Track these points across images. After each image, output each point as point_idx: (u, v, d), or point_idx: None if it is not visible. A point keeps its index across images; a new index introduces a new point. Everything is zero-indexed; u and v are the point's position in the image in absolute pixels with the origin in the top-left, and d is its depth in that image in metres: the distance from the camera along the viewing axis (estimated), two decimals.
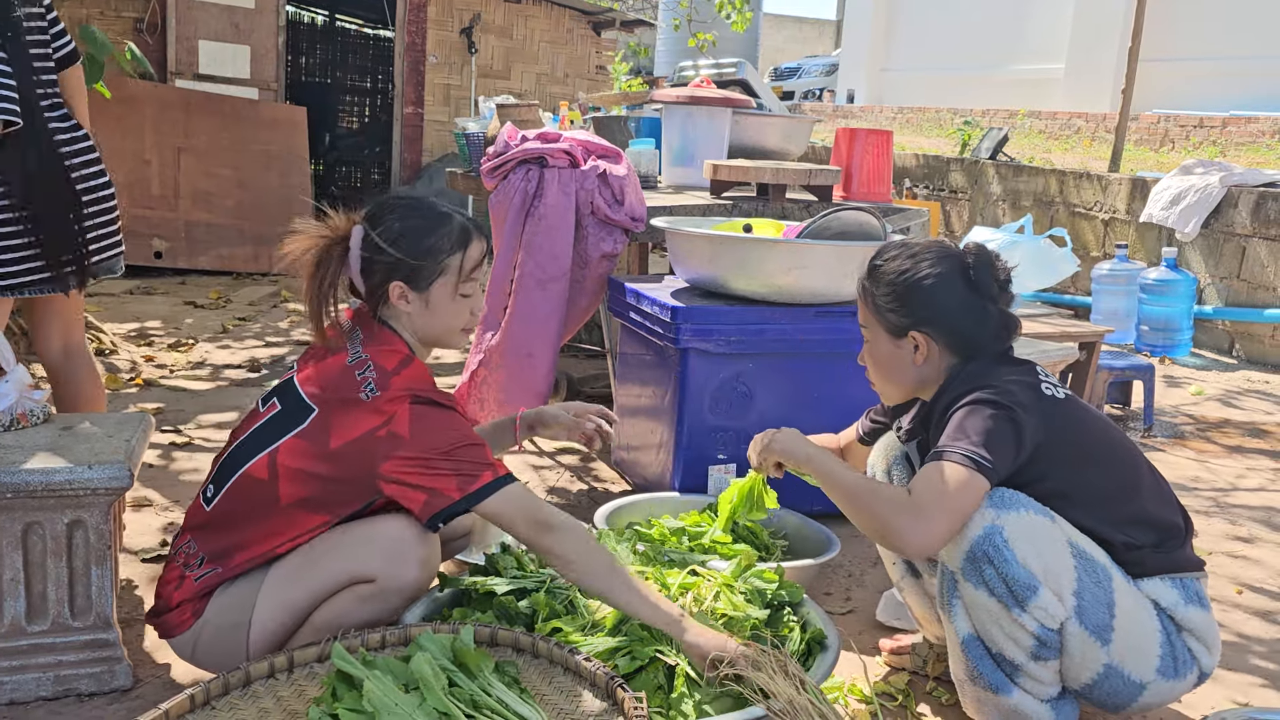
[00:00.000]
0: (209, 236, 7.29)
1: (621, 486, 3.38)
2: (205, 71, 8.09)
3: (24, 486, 1.93)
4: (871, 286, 1.99)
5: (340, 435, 1.87)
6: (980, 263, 1.95)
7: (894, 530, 1.76)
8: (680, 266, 3.14)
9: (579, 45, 10.07)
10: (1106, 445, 1.90)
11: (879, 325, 1.99)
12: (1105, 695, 1.84)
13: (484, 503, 1.83)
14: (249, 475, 1.91)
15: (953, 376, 1.93)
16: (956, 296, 1.93)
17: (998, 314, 1.95)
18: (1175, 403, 5.07)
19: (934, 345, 1.94)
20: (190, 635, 1.93)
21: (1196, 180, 6.48)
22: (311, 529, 1.90)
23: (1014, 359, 1.97)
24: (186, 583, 1.93)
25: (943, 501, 1.74)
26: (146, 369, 4.64)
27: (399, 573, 1.87)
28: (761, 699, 1.61)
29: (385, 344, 1.96)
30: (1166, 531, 1.88)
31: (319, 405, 1.90)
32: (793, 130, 4.89)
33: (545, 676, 1.75)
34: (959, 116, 11.44)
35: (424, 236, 1.99)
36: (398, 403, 1.85)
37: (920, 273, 1.94)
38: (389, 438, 1.83)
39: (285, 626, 1.91)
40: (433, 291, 1.99)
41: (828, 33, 26.04)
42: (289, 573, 1.90)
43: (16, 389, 2.16)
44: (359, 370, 1.90)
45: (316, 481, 1.89)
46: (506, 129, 3.57)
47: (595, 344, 4.93)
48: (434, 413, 1.87)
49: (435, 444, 1.83)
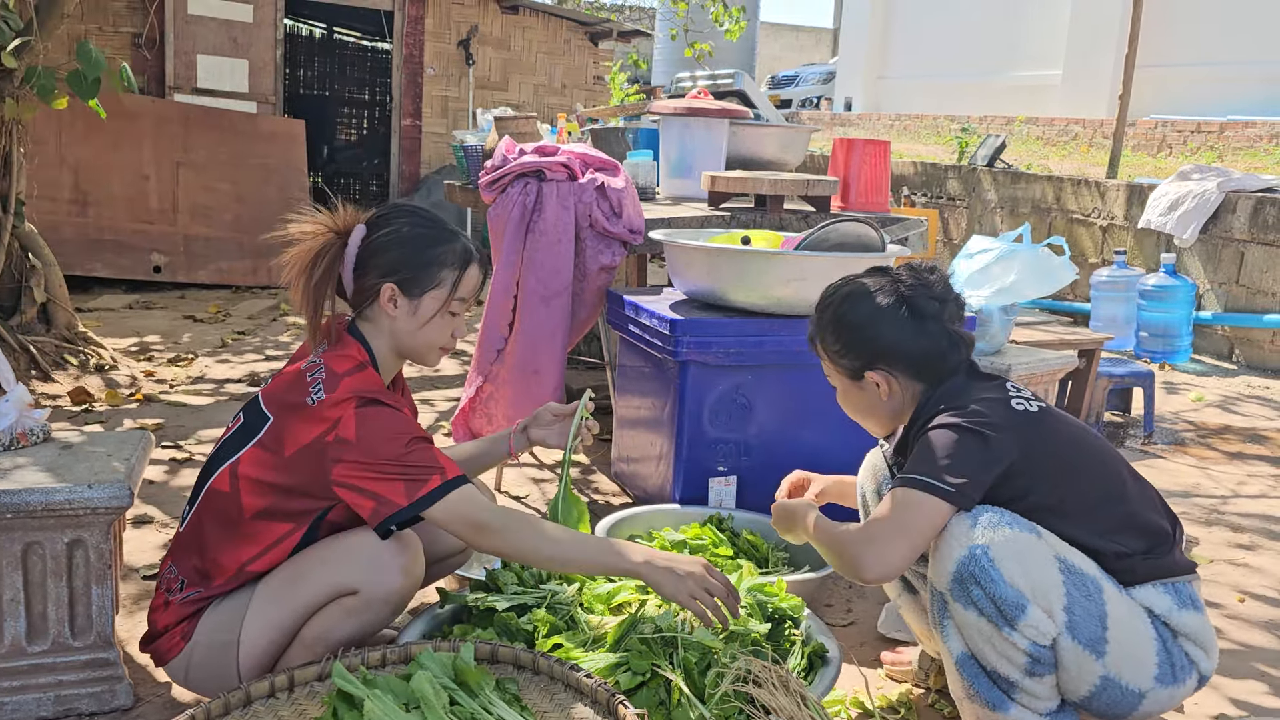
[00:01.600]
0: (208, 250, 7.30)
1: (622, 499, 3.37)
2: (204, 85, 8.12)
3: (24, 506, 1.93)
4: (819, 336, 2.03)
5: (292, 442, 1.87)
6: (912, 285, 1.96)
7: (851, 561, 1.81)
8: (679, 279, 3.14)
9: (576, 56, 10.10)
10: (1087, 454, 1.90)
11: (837, 373, 2.03)
12: (1105, 706, 1.83)
13: (432, 509, 1.83)
14: (213, 489, 1.93)
15: (924, 401, 1.95)
16: (895, 326, 1.94)
17: (941, 332, 1.95)
18: (1175, 409, 5.07)
19: (893, 379, 1.96)
20: (182, 659, 1.93)
21: (1194, 186, 6.49)
22: (278, 539, 1.90)
23: (984, 375, 1.97)
24: (172, 607, 1.93)
25: (896, 527, 1.77)
26: (146, 384, 4.64)
27: (381, 581, 1.87)
28: (763, 714, 1.61)
29: (342, 349, 1.95)
30: (1155, 536, 1.88)
31: (273, 414, 1.91)
32: (790, 140, 4.89)
33: (546, 693, 1.75)
34: (956, 124, 11.46)
35: (428, 245, 2.00)
36: (343, 406, 1.84)
37: (857, 313, 1.96)
38: (336, 442, 1.83)
39: (275, 644, 1.91)
40: (424, 301, 1.99)
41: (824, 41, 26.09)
42: (274, 590, 1.90)
43: (16, 408, 2.16)
44: (310, 373, 1.90)
45: (274, 491, 1.89)
46: (504, 142, 3.57)
47: (594, 356, 4.93)
48: (381, 413, 1.85)
49: (382, 446, 1.82)
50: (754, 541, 2.63)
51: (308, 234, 1.99)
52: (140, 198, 7.12)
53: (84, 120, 6.71)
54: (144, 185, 7.15)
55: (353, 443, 1.82)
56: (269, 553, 1.91)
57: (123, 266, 6.99)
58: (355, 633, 1.89)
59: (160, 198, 7.20)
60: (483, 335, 3.39)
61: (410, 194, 9.33)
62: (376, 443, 1.82)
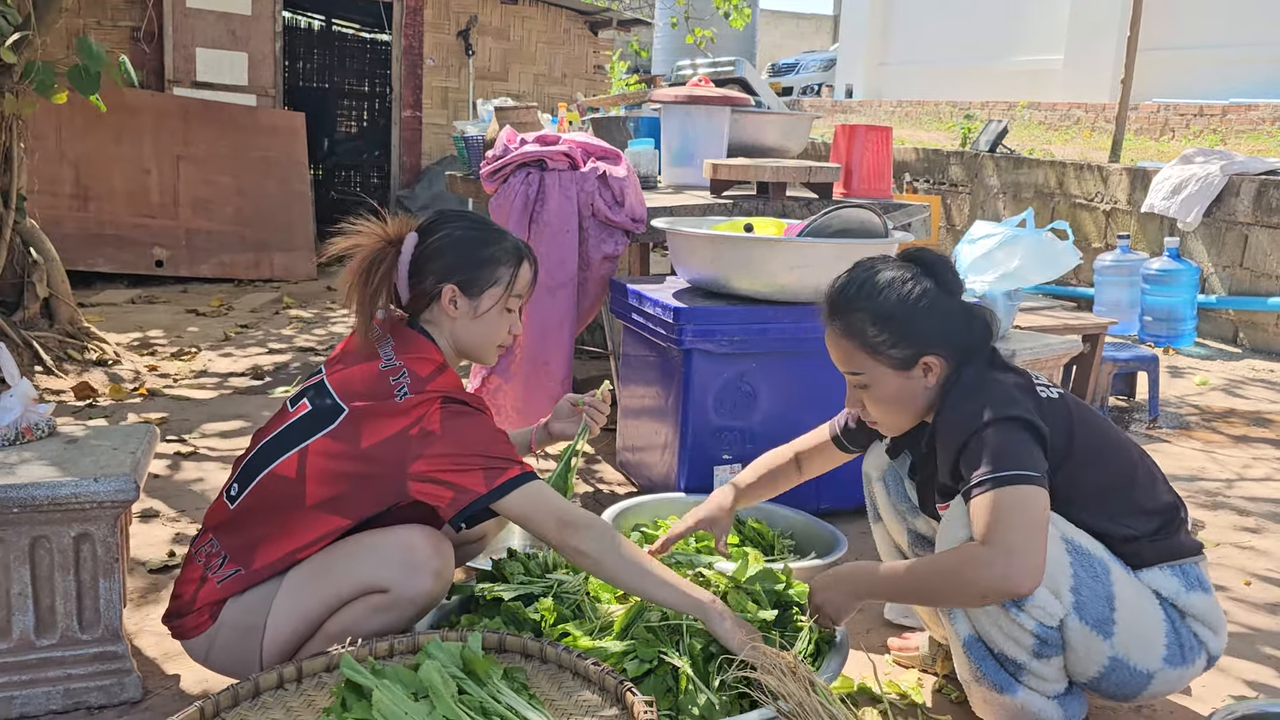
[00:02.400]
0: (209, 244, 7.30)
1: (627, 488, 3.38)
2: (203, 79, 8.11)
3: (30, 501, 1.93)
4: (858, 331, 1.89)
5: (371, 435, 1.87)
6: (942, 264, 1.93)
7: (997, 585, 1.70)
8: (682, 267, 3.13)
9: (576, 45, 10.07)
10: (1102, 440, 1.89)
11: (880, 365, 1.90)
12: (1113, 687, 1.84)
13: (509, 497, 1.83)
14: (276, 474, 1.92)
15: (948, 388, 1.89)
16: (943, 305, 1.90)
17: (976, 309, 1.94)
18: (1180, 393, 5.06)
19: (942, 362, 1.89)
20: (206, 638, 1.93)
21: (1197, 169, 6.47)
22: (328, 533, 1.90)
23: (1004, 364, 1.93)
24: (208, 584, 1.92)
25: (1026, 530, 1.70)
26: (150, 379, 4.64)
27: (413, 583, 1.87)
28: (771, 700, 1.61)
29: (420, 351, 1.98)
30: (1163, 518, 1.88)
31: (350, 406, 1.91)
32: (792, 127, 4.88)
33: (554, 682, 1.75)
34: (958, 109, 11.43)
35: (483, 246, 2.05)
36: (429, 403, 1.87)
37: (903, 300, 1.88)
38: (421, 436, 1.85)
39: (298, 633, 1.91)
40: (483, 300, 2.04)
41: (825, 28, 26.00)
42: (304, 580, 1.90)
43: (21, 403, 2.16)
44: (393, 376, 1.92)
45: (345, 481, 1.89)
46: (505, 132, 3.57)
47: (597, 345, 4.93)
48: (465, 412, 1.90)
49: (466, 440, 1.86)
50: (759, 529, 2.63)
51: (362, 245, 2.02)
52: (141, 192, 7.12)
53: (84, 115, 6.70)
54: (145, 179, 7.14)
55: (438, 435, 1.84)
56: (318, 543, 1.91)
57: (124, 261, 6.99)
58: (379, 630, 1.89)
59: (161, 192, 7.20)
60: None
61: (411, 186, 9.32)
62: (461, 436, 1.85)
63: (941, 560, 1.81)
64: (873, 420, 1.99)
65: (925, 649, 2.27)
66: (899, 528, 2.14)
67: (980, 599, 1.75)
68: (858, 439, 2.22)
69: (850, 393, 1.97)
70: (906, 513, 2.11)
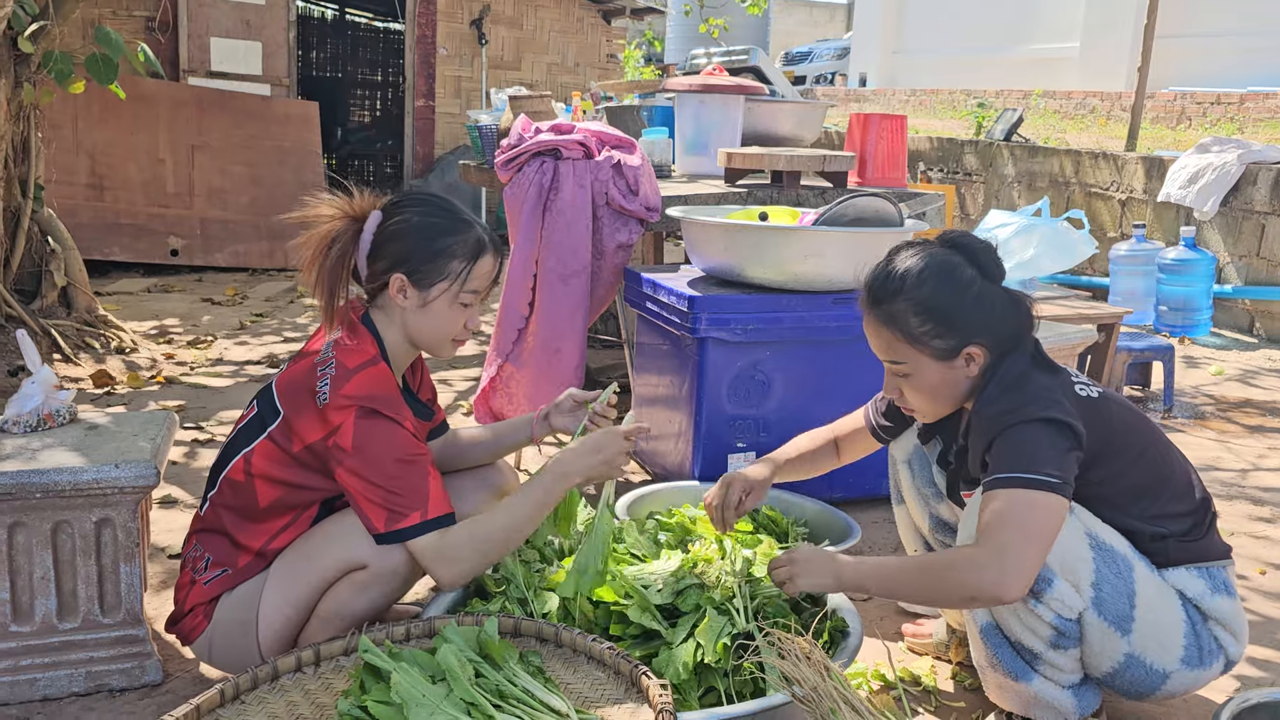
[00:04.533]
0: (224, 233, 7.32)
1: (641, 476, 3.39)
2: (217, 69, 8.12)
3: (53, 486, 1.95)
4: (900, 320, 1.85)
5: (299, 440, 1.92)
6: (984, 250, 1.88)
7: (984, 588, 1.67)
8: (696, 256, 3.14)
9: (589, 34, 10.05)
10: (1139, 440, 1.86)
11: (922, 355, 1.85)
12: (1127, 684, 1.83)
13: (408, 544, 1.88)
14: (229, 479, 1.97)
15: (989, 377, 1.85)
16: (987, 294, 1.85)
17: (1018, 296, 1.90)
18: (1195, 383, 5.04)
19: (984, 351, 1.85)
20: (205, 638, 1.97)
21: (1214, 158, 6.42)
22: (294, 519, 1.96)
23: (1046, 361, 1.88)
24: (197, 587, 1.97)
25: (1026, 534, 1.66)
26: (167, 367, 4.67)
27: (388, 555, 1.90)
28: (785, 685, 1.62)
29: (354, 342, 1.96)
30: (1194, 520, 1.86)
31: (285, 408, 1.94)
32: (806, 116, 4.87)
33: (569, 665, 1.76)
34: (972, 98, 11.36)
35: (440, 236, 1.98)
36: (344, 412, 1.86)
37: (948, 288, 1.83)
38: (335, 449, 1.88)
39: (291, 621, 1.94)
40: (432, 293, 1.98)
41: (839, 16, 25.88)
42: (287, 569, 1.94)
43: (43, 389, 2.18)
44: (321, 366, 1.92)
45: (284, 486, 1.95)
46: (520, 121, 3.57)
47: (611, 334, 4.93)
48: (377, 427, 1.87)
49: (374, 463, 1.86)
50: (773, 516, 2.63)
51: (324, 217, 1.99)
52: (156, 181, 7.15)
53: (100, 104, 6.73)
54: (160, 169, 7.17)
55: (349, 453, 1.86)
56: (286, 531, 1.96)
57: (140, 250, 7.03)
58: (369, 606, 1.93)
59: (176, 181, 7.23)
60: (501, 315, 3.40)
61: (424, 175, 9.33)
62: (369, 459, 1.86)
63: (934, 559, 1.81)
64: (910, 408, 1.96)
65: (939, 635, 2.28)
66: (921, 511, 2.14)
67: (967, 601, 1.73)
68: (895, 426, 2.19)
69: (889, 380, 1.94)
70: (931, 497, 2.11)
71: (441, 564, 1.88)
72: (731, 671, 1.81)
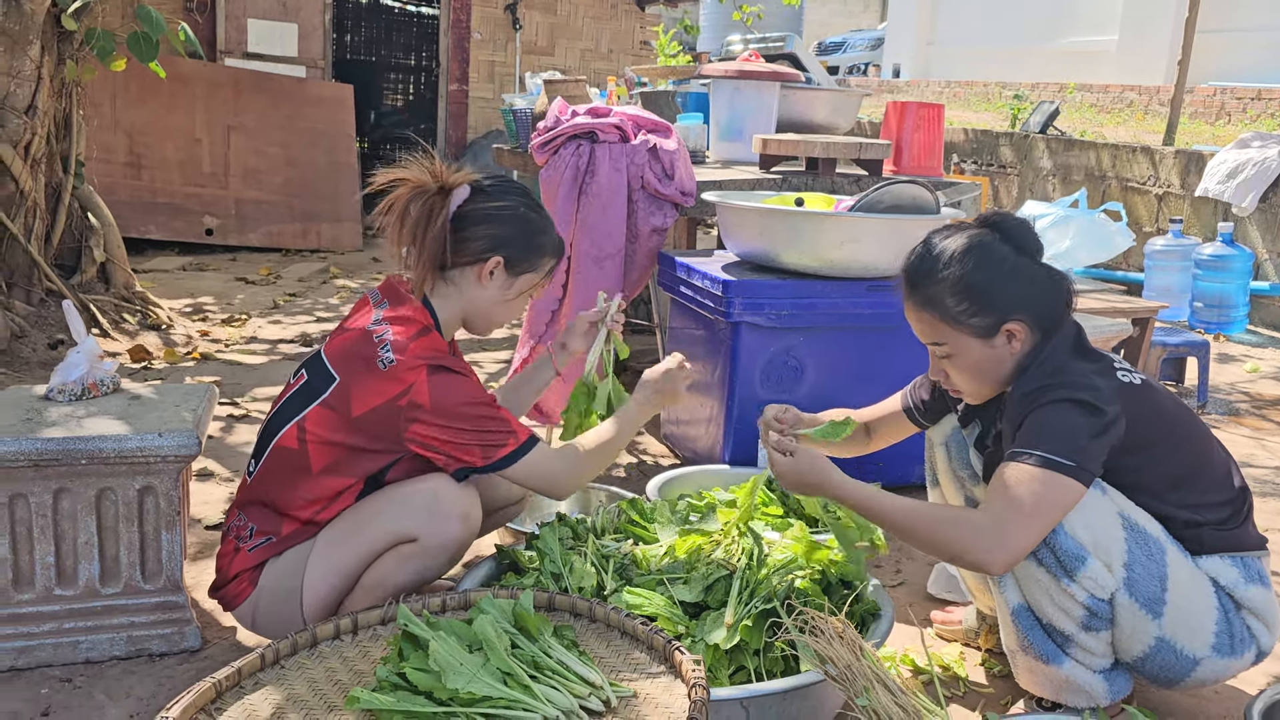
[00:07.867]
0: (258, 214, 7.39)
1: (671, 461, 3.40)
2: (254, 50, 8.18)
3: (97, 453, 1.99)
4: (938, 302, 1.86)
5: (361, 403, 1.93)
6: (1020, 226, 1.89)
7: (974, 554, 1.71)
8: (731, 240, 3.14)
9: (623, 20, 10.04)
10: (1181, 429, 1.86)
11: (963, 334, 1.86)
12: (1157, 669, 1.83)
13: (506, 470, 1.95)
14: (280, 446, 1.99)
15: (1032, 359, 1.85)
16: (1023, 270, 1.86)
17: (1055, 272, 1.90)
18: (1230, 380, 4.99)
19: (1026, 328, 1.85)
20: (249, 604, 2.00)
21: (1254, 153, 6.34)
22: (340, 491, 1.97)
23: (1088, 348, 1.88)
24: (241, 554, 2.00)
25: (1028, 510, 1.68)
26: (202, 343, 4.73)
27: (440, 529, 1.93)
28: (819, 663, 1.63)
29: (406, 313, 1.99)
30: (1230, 509, 1.86)
31: (340, 374, 1.96)
32: (841, 104, 4.85)
33: (603, 640, 1.78)
34: (1007, 90, 11.26)
35: (541, 230, 2.10)
36: (415, 371, 1.90)
37: (985, 266, 1.83)
38: (410, 406, 1.90)
39: (336, 589, 1.97)
40: (519, 282, 2.09)
41: (873, 6, 25.67)
42: (335, 537, 1.97)
43: (88, 359, 2.22)
44: (377, 335, 1.95)
45: (341, 449, 1.95)
46: (557, 104, 3.58)
47: (643, 319, 4.94)
48: (451, 379, 1.93)
49: (456, 412, 1.90)
50: (804, 501, 2.64)
51: (409, 178, 2.01)
52: (192, 161, 7.22)
53: (138, 83, 6.80)
54: (196, 149, 7.24)
55: (426, 408, 1.89)
56: (335, 502, 1.97)
57: (176, 229, 7.11)
58: (413, 578, 1.95)
59: (212, 161, 7.30)
60: (534, 299, 3.41)
61: (458, 159, 9.35)
62: (450, 409, 1.90)
63: (936, 510, 1.86)
64: (956, 390, 1.97)
65: (969, 623, 2.28)
66: (956, 494, 2.14)
67: (951, 558, 1.80)
68: (932, 411, 2.18)
69: (933, 362, 1.95)
70: (966, 479, 2.11)
71: (547, 478, 2.00)
72: (763, 650, 1.83)
